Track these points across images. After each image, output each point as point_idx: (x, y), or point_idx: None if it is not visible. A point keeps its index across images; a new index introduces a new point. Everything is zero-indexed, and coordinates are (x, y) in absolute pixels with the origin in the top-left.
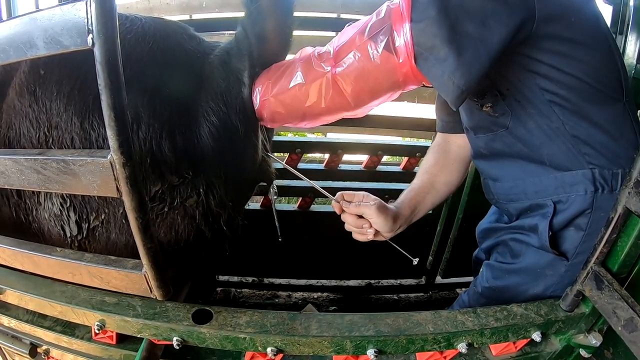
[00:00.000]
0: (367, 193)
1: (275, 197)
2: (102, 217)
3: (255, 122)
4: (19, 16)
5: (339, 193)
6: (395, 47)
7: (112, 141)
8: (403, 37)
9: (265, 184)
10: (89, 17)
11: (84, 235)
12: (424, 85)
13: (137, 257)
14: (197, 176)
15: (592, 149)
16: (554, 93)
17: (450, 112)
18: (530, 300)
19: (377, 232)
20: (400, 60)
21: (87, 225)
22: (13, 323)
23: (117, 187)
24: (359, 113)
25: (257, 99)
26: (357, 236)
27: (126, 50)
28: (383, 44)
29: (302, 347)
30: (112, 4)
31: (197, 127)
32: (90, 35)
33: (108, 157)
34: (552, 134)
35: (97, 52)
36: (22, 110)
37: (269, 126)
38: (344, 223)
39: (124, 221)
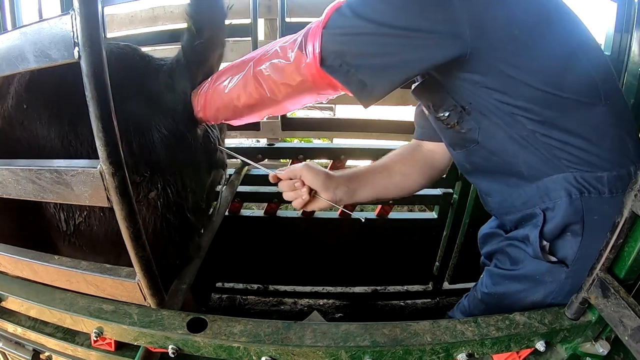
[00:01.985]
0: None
1: (225, 181)
2: (85, 213)
3: (200, 125)
4: (10, 31)
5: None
6: (306, 48)
7: (100, 151)
8: (313, 40)
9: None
10: (75, 30)
11: (72, 230)
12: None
13: (118, 246)
14: (155, 174)
15: (568, 154)
16: (514, 106)
17: (427, 119)
18: (530, 307)
19: (315, 197)
20: (308, 60)
21: (73, 222)
22: (16, 330)
23: (107, 196)
24: (280, 109)
25: (198, 104)
26: (295, 203)
27: None
28: (297, 45)
29: (296, 357)
30: (96, 17)
31: (151, 136)
32: (77, 48)
33: (98, 167)
34: (524, 142)
35: (84, 65)
36: (17, 138)
37: (216, 123)
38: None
39: (101, 214)
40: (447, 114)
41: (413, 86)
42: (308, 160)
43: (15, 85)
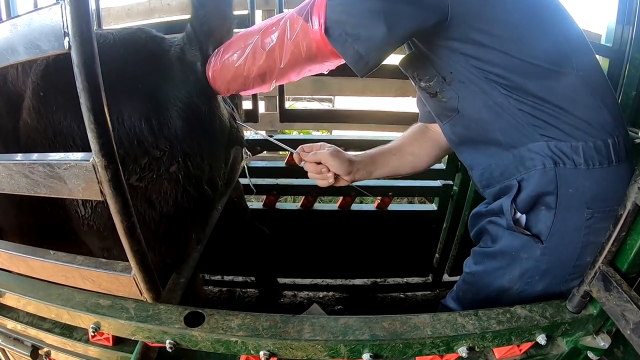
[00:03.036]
0: (324, 143)
1: (246, 157)
2: None
3: (214, 98)
4: (1, 23)
5: (300, 146)
6: (311, 18)
7: (93, 144)
8: (319, 10)
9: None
10: (65, 20)
11: (90, 213)
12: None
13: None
14: (175, 148)
15: (541, 121)
16: (488, 71)
17: (425, 104)
18: (507, 286)
19: (338, 178)
20: (314, 28)
21: (90, 203)
22: (14, 325)
23: (100, 190)
24: (286, 78)
25: (210, 75)
26: (320, 182)
27: (105, 59)
28: (304, 15)
29: (295, 351)
30: (86, 6)
31: (168, 111)
32: (67, 39)
33: (90, 160)
34: (499, 109)
35: (74, 55)
36: (33, 125)
37: (227, 95)
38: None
39: None
40: (429, 83)
41: (401, 60)
42: (332, 146)
43: (31, 76)
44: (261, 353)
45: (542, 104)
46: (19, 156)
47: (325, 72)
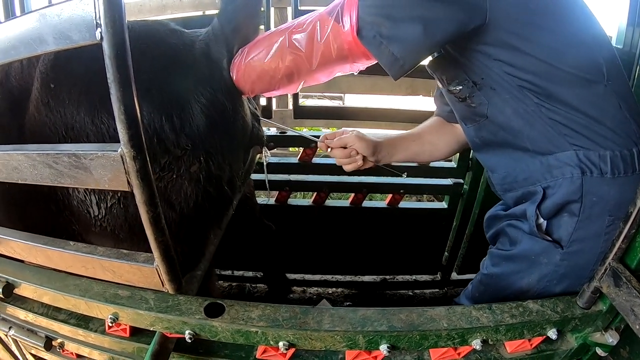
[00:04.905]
0: (346, 129)
1: (267, 157)
2: (119, 194)
3: (239, 97)
4: (29, 13)
5: (322, 135)
6: (343, 19)
7: (122, 134)
8: (350, 11)
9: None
10: (97, 11)
11: (104, 214)
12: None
13: None
14: (197, 147)
15: (571, 130)
16: (521, 78)
17: (444, 102)
18: (525, 289)
19: (364, 160)
20: (345, 30)
21: (105, 204)
22: (29, 316)
23: (127, 180)
24: (314, 79)
25: (235, 75)
26: (348, 167)
27: None
28: (334, 15)
29: (314, 341)
30: None
31: (191, 108)
32: (99, 30)
33: (118, 151)
34: (529, 117)
35: (106, 46)
36: (41, 120)
37: (251, 95)
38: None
39: None
40: (459, 87)
41: (428, 60)
42: (354, 129)
43: (39, 67)
44: (280, 344)
45: (573, 113)
46: (45, 146)
47: (355, 73)
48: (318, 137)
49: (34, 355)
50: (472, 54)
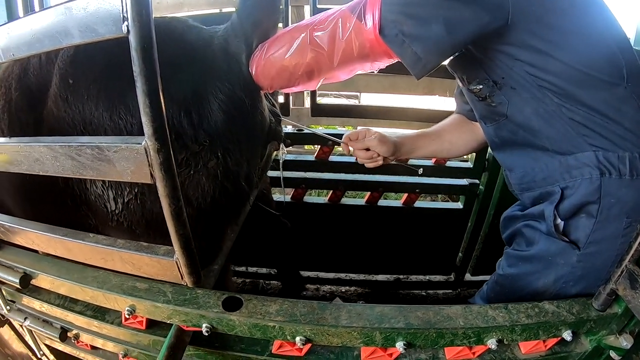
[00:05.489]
0: (368, 128)
1: (283, 154)
2: (136, 190)
3: (258, 92)
4: (54, 6)
5: (344, 136)
6: (365, 17)
7: (146, 127)
8: (373, 9)
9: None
10: (124, 5)
11: (120, 209)
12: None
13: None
14: (214, 143)
15: (591, 130)
16: (542, 79)
17: (464, 101)
18: (542, 290)
19: (385, 158)
20: (367, 28)
21: (122, 200)
22: (44, 307)
23: (150, 173)
24: (334, 76)
25: (254, 71)
26: (369, 164)
27: None
28: (356, 13)
29: (331, 337)
30: None
31: (209, 104)
32: (126, 23)
33: (142, 143)
34: (549, 117)
35: (132, 39)
36: (59, 115)
37: (270, 91)
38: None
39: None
40: (479, 87)
41: (449, 59)
42: (377, 132)
43: (58, 63)
44: (297, 339)
45: (593, 114)
46: (68, 138)
47: (375, 72)
48: (334, 135)
49: (48, 346)
50: (493, 54)
